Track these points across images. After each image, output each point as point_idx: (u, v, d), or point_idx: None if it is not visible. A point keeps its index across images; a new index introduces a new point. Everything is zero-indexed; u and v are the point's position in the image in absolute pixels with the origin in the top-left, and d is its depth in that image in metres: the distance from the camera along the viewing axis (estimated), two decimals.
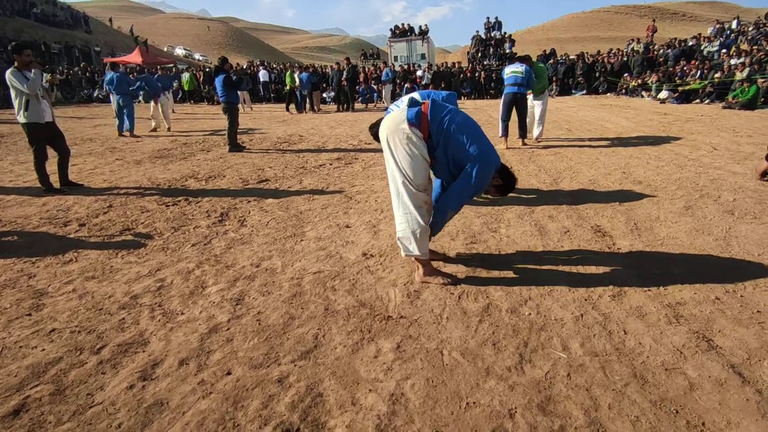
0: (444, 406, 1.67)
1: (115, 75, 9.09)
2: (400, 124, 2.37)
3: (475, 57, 23.55)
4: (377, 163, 6.31)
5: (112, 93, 9.21)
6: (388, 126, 2.42)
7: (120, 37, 47.89)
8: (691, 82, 14.33)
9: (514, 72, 6.64)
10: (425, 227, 2.45)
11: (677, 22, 53.52)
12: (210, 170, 6.06)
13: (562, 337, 2.09)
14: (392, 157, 2.39)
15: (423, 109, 2.40)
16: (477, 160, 2.37)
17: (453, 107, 2.54)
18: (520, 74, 6.56)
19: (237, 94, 7.38)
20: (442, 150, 2.41)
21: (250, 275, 2.87)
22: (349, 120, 12.47)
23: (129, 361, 2.05)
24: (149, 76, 10.67)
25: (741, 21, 21.46)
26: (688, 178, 4.84)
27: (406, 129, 2.34)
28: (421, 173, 2.40)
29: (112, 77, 9.09)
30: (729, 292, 2.47)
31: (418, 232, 2.43)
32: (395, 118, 2.42)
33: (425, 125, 2.37)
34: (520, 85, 6.59)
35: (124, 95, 9.18)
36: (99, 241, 3.58)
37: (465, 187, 2.43)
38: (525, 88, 6.65)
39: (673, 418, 1.60)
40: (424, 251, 2.51)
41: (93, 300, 2.64)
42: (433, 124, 2.38)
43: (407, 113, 2.38)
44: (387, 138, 2.41)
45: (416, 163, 2.36)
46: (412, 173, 2.37)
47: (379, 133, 2.53)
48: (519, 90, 6.63)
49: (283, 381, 1.86)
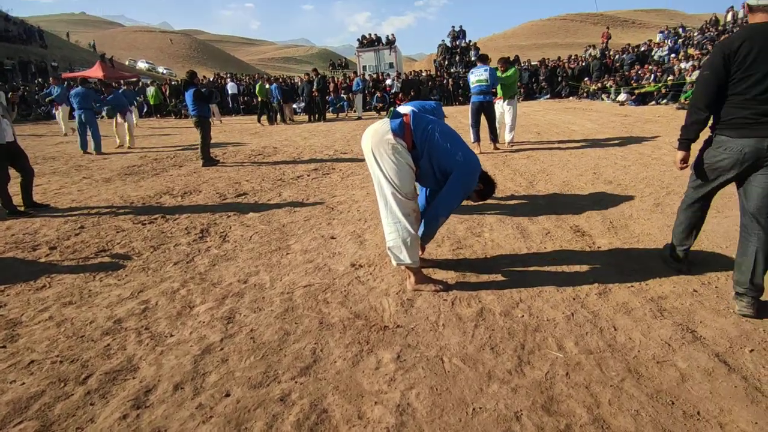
0: (451, 414, 1.68)
1: (82, 90, 8.79)
2: (385, 135, 2.39)
3: (442, 65, 24.00)
4: (355, 172, 6.31)
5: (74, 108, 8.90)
6: (373, 137, 2.44)
7: (78, 51, 46.27)
8: (646, 85, 15.06)
9: (479, 81, 6.82)
10: (415, 235, 2.47)
11: (628, 29, 56.21)
12: (185, 186, 5.91)
13: (557, 336, 2.14)
14: (379, 168, 2.41)
15: (405, 120, 2.44)
16: (463, 167, 2.45)
17: (434, 118, 2.60)
18: (485, 82, 6.76)
19: (208, 108, 7.26)
20: (426, 159, 2.45)
21: (238, 292, 2.81)
22: (322, 130, 12.44)
23: (119, 390, 1.96)
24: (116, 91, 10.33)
25: (686, 27, 22.84)
26: (654, 176, 5.07)
27: (391, 139, 2.37)
28: (408, 182, 2.43)
29: (77, 92, 8.81)
30: (705, 284, 2.59)
31: (408, 241, 2.45)
32: (379, 130, 2.44)
33: (408, 135, 2.42)
34: (485, 93, 6.82)
35: (87, 111, 8.84)
36: (73, 265, 3.43)
37: (453, 193, 2.50)
38: (490, 96, 6.89)
39: (670, 409, 1.66)
40: (415, 259, 2.53)
41: (73, 327, 2.52)
42: (416, 133, 2.43)
43: (390, 124, 2.42)
44: (372, 149, 2.42)
45: (403, 172, 2.39)
46: (400, 182, 2.39)
47: (362, 145, 2.55)
48: (485, 98, 6.86)
49: (285, 399, 1.82)
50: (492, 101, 6.96)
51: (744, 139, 2.20)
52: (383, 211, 2.49)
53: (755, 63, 2.11)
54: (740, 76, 2.17)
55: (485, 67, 6.90)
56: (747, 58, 2.13)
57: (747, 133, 2.19)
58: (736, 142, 2.22)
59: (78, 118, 8.95)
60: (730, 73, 2.20)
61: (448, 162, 2.44)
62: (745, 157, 2.20)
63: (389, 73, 22.11)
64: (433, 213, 2.57)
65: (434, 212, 2.57)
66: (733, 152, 2.24)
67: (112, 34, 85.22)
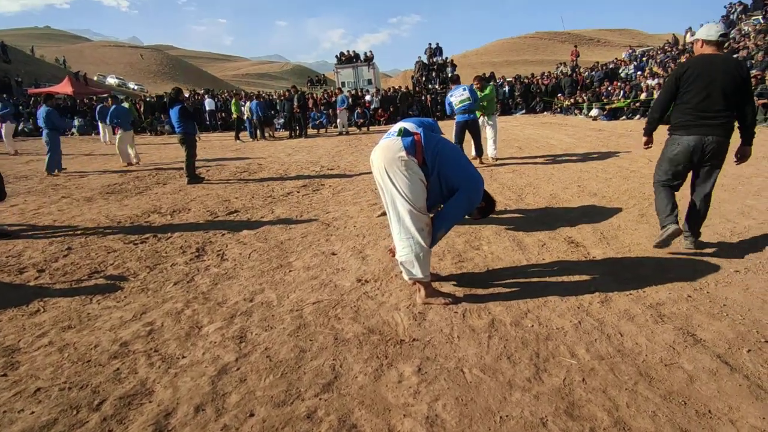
0: (480, 423, 1.72)
1: (44, 109, 8.53)
2: (398, 152, 2.45)
3: (420, 81, 24.48)
4: (345, 188, 6.36)
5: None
6: (385, 155, 2.49)
7: (44, 66, 44.96)
8: (616, 101, 15.77)
9: (462, 102, 6.86)
10: (427, 250, 2.53)
11: (594, 47, 58.78)
12: (173, 204, 5.82)
13: (568, 344, 2.22)
14: (392, 184, 2.46)
15: (417, 139, 2.51)
16: (469, 184, 2.55)
17: (440, 136, 2.69)
18: (468, 101, 6.83)
19: (194, 125, 7.19)
20: (435, 176, 2.52)
21: (246, 311, 2.79)
22: (305, 146, 12.46)
23: (137, 414, 1.92)
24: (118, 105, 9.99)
25: (648, 47, 24.13)
26: (635, 188, 5.31)
27: (404, 157, 2.43)
28: (421, 196, 2.49)
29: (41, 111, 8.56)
30: (697, 289, 2.74)
31: (421, 255, 2.51)
32: (391, 147, 2.49)
33: (420, 153, 2.48)
34: (470, 111, 6.91)
35: (50, 131, 8.46)
36: (66, 287, 3.33)
37: (457, 209, 2.59)
38: (475, 114, 7.02)
39: (683, 409, 1.75)
40: (427, 274, 2.59)
41: (77, 352, 2.44)
42: (427, 151, 2.50)
43: (403, 142, 2.48)
44: (385, 166, 2.47)
45: (416, 187, 2.46)
46: (414, 196, 2.45)
47: (372, 162, 2.60)
48: (470, 117, 6.94)
49: (312, 416, 1.83)
50: (476, 119, 7.12)
51: (690, 136, 3.05)
52: (395, 227, 2.54)
53: (695, 82, 2.99)
54: (683, 90, 3.06)
55: (464, 87, 7.00)
56: (689, 78, 3.01)
57: (692, 131, 3.04)
58: (685, 138, 3.08)
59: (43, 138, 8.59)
60: (679, 89, 3.08)
61: (456, 179, 2.52)
62: (692, 149, 3.04)
63: (368, 89, 22.39)
64: (436, 226, 2.63)
65: (436, 227, 2.63)
66: (683, 146, 3.08)
67: (79, 48, 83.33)
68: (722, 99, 2.94)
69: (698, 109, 3.00)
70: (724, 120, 2.98)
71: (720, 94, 2.94)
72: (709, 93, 2.96)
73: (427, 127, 2.74)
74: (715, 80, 2.94)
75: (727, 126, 2.99)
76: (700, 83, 2.97)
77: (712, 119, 2.98)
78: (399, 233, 2.53)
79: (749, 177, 5.54)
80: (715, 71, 2.95)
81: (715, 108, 2.96)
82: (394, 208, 2.51)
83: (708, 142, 2.99)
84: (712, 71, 2.95)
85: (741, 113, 3.02)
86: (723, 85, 2.93)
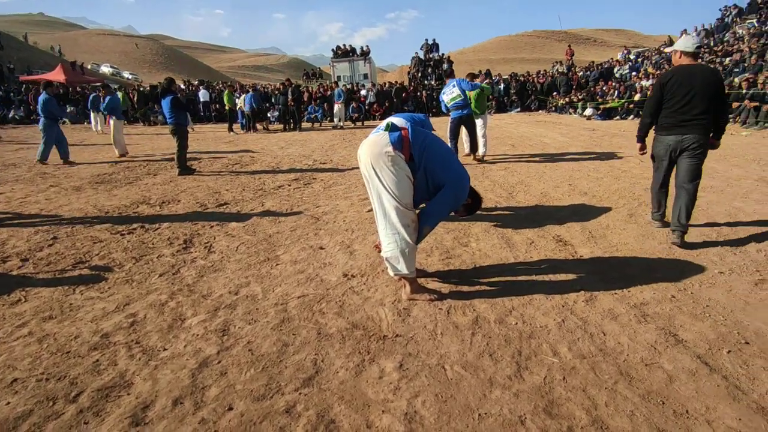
0: (459, 420, 1.72)
1: (44, 96, 8.28)
2: (384, 147, 2.42)
3: (416, 77, 24.41)
4: (337, 182, 6.33)
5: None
6: (372, 150, 2.46)
7: (37, 53, 44.32)
8: (610, 101, 15.82)
9: (453, 99, 6.84)
10: (413, 246, 2.52)
11: (590, 47, 58.89)
12: (162, 195, 5.76)
13: (550, 342, 2.23)
14: (378, 180, 2.44)
15: (404, 134, 2.48)
16: (455, 181, 2.54)
17: (429, 132, 2.67)
18: (460, 98, 6.81)
19: (186, 116, 7.11)
20: (422, 172, 2.50)
21: (230, 304, 2.77)
22: (298, 140, 12.40)
23: (114, 407, 1.90)
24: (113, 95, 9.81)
25: (643, 48, 24.21)
26: (626, 188, 5.33)
27: (390, 152, 2.41)
28: (408, 192, 2.47)
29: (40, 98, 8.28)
30: (681, 290, 2.76)
31: (406, 251, 2.50)
32: (378, 142, 2.46)
33: (407, 148, 2.46)
34: (463, 107, 6.87)
35: (45, 118, 8.24)
36: (49, 277, 3.28)
37: (443, 205, 2.58)
38: (469, 109, 6.94)
39: (661, 408, 1.76)
40: (412, 270, 2.58)
41: (57, 343, 2.41)
42: (415, 147, 2.48)
43: (390, 137, 2.45)
44: (372, 162, 2.45)
45: (402, 183, 2.43)
46: (400, 193, 2.43)
47: (360, 157, 2.58)
48: (463, 113, 6.90)
49: (290, 411, 1.82)
50: (471, 114, 7.06)
51: (670, 136, 3.46)
52: (381, 222, 2.52)
53: (678, 89, 3.37)
54: (668, 97, 3.45)
55: (454, 82, 6.93)
56: (673, 86, 3.40)
57: (672, 132, 3.45)
58: (666, 138, 3.50)
59: (39, 127, 8.36)
60: (664, 95, 3.46)
61: (443, 175, 2.51)
62: (671, 147, 3.47)
63: (364, 83, 22.29)
64: (422, 222, 2.60)
65: (422, 222, 2.60)
66: (663, 144, 3.53)
67: (74, 36, 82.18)
68: (701, 104, 3.32)
69: (680, 112, 3.39)
70: (703, 122, 3.35)
71: (699, 100, 3.32)
72: (690, 99, 3.34)
73: (416, 123, 2.71)
74: (695, 87, 3.33)
75: (706, 127, 3.37)
76: (682, 90, 3.36)
77: (692, 121, 3.36)
78: (385, 229, 2.52)
79: (738, 179, 5.58)
80: (695, 80, 3.34)
81: (694, 112, 3.34)
82: (380, 204, 2.49)
83: (686, 140, 3.39)
84: (692, 80, 3.35)
85: (716, 116, 3.40)
86: (702, 92, 3.32)
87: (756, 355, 2.09)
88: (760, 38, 16.40)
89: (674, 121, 3.41)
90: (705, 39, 20.74)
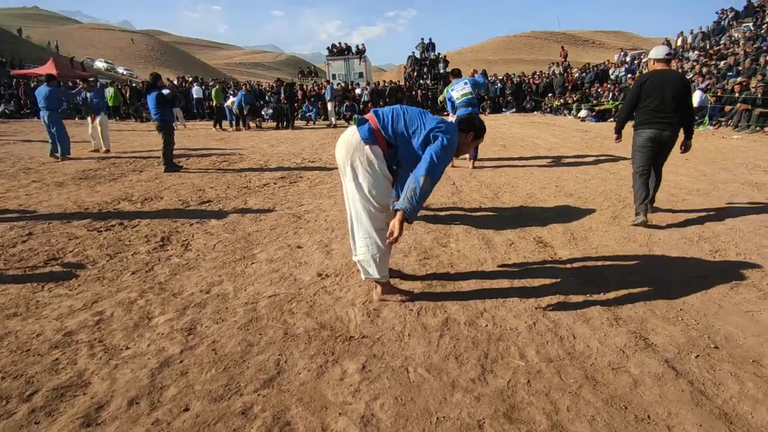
0: (415, 424, 1.68)
1: (46, 88, 8.12)
2: (357, 144, 2.37)
3: (411, 76, 24.36)
4: (323, 181, 6.28)
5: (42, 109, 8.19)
6: (346, 149, 2.40)
7: (29, 47, 43.97)
8: (605, 103, 15.84)
9: (464, 95, 6.43)
10: (385, 250, 2.47)
11: (588, 48, 58.99)
12: (145, 192, 5.70)
13: (519, 345, 2.19)
14: (352, 180, 2.38)
15: (373, 125, 2.39)
16: (438, 130, 2.34)
17: (389, 108, 2.51)
18: (469, 95, 6.41)
19: (172, 112, 7.04)
20: (404, 148, 2.39)
21: (200, 302, 2.73)
22: (290, 138, 12.34)
23: (67, 407, 1.85)
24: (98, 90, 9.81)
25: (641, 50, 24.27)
26: (612, 190, 5.32)
27: (365, 149, 2.35)
28: (384, 192, 2.41)
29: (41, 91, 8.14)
30: (656, 293, 2.73)
31: (377, 257, 2.45)
32: (350, 141, 2.40)
33: (381, 138, 2.38)
34: (472, 105, 6.42)
35: (51, 111, 8.12)
36: (19, 274, 3.22)
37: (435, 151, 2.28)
38: (476, 108, 6.53)
39: (623, 413, 1.73)
40: (384, 274, 2.54)
41: (17, 341, 2.36)
42: (386, 131, 2.38)
43: (360, 133, 2.38)
44: (346, 160, 2.39)
45: (378, 182, 2.37)
46: (376, 193, 2.37)
47: (336, 156, 2.51)
48: (474, 110, 6.40)
49: (247, 412, 1.78)
50: (478, 114, 6.79)
51: (650, 129, 3.94)
52: (355, 225, 2.48)
53: (653, 91, 3.91)
54: (644, 96, 3.97)
55: (465, 80, 6.59)
56: (648, 88, 3.93)
57: (651, 126, 3.93)
58: (646, 131, 3.97)
59: (42, 120, 8.26)
60: (640, 96, 3.98)
61: (425, 133, 2.33)
62: (651, 138, 3.93)
63: (359, 82, 22.23)
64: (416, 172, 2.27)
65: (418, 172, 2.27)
66: (643, 137, 3.99)
67: (68, 30, 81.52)
68: (672, 104, 3.85)
69: (655, 110, 3.92)
70: (674, 119, 3.90)
71: (670, 100, 3.85)
72: (663, 99, 3.87)
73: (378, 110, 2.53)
74: (666, 89, 3.86)
75: (677, 123, 3.93)
76: (657, 92, 3.90)
77: (665, 118, 3.90)
78: (358, 231, 2.47)
79: (725, 182, 5.58)
80: (668, 83, 3.88)
81: (667, 110, 3.87)
82: (354, 206, 2.44)
83: (665, 135, 3.92)
84: (665, 83, 3.89)
85: (684, 115, 3.92)
86: (672, 94, 3.85)
87: (724, 360, 2.07)
88: (755, 41, 16.46)
89: (650, 118, 3.94)
90: (702, 41, 20.82)
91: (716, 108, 12.17)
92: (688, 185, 5.49)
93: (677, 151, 4.10)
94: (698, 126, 12.10)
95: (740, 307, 2.55)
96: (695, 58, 17.87)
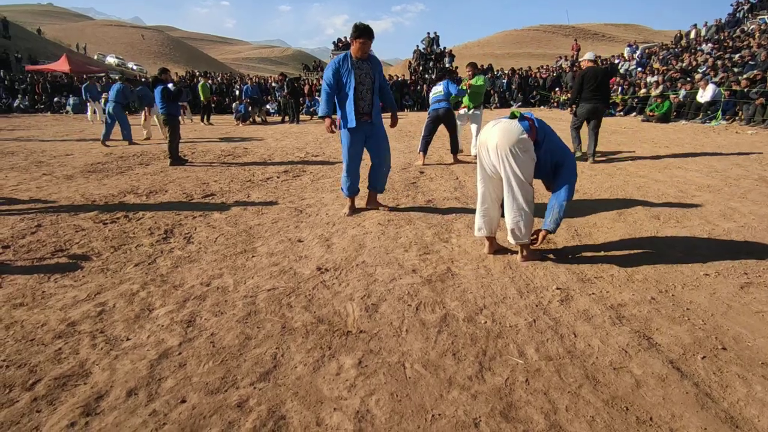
0: (410, 421, 1.67)
1: (119, 85, 9.84)
2: (520, 135, 2.81)
3: (417, 70, 24.20)
4: (326, 175, 6.27)
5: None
6: (507, 137, 2.82)
7: (44, 43, 44.43)
8: (613, 97, 15.59)
9: (435, 93, 6.93)
10: (532, 217, 2.99)
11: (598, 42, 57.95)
12: (150, 185, 5.73)
13: (518, 343, 2.17)
14: (509, 163, 2.83)
15: (530, 124, 2.88)
16: (571, 158, 3.03)
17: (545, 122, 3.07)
18: (440, 93, 6.82)
19: (178, 106, 7.07)
20: (544, 152, 2.93)
21: (200, 295, 2.73)
22: (294, 132, 12.34)
23: (68, 396, 1.87)
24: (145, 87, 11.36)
25: (651, 43, 23.84)
26: (618, 185, 5.24)
27: (526, 138, 2.81)
28: (532, 171, 2.94)
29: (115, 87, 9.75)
30: (662, 291, 2.68)
31: (526, 223, 2.97)
32: (512, 130, 2.83)
33: (534, 134, 2.87)
34: (440, 101, 6.80)
35: (117, 104, 9.59)
36: (27, 265, 3.26)
37: (571, 180, 2.98)
38: (447, 103, 6.81)
39: (624, 415, 1.70)
40: (528, 236, 3.04)
41: (23, 330, 2.39)
42: (540, 133, 2.91)
43: (522, 125, 2.84)
44: (507, 147, 2.81)
45: (529, 165, 2.89)
46: (528, 173, 2.90)
47: (488, 142, 2.93)
48: (441, 105, 6.77)
49: (242, 405, 1.78)
50: (450, 108, 6.85)
51: (588, 104, 6.72)
52: (508, 200, 2.94)
53: (590, 80, 6.63)
54: (586, 84, 6.67)
55: (441, 83, 6.97)
56: (588, 78, 6.64)
57: (590, 102, 6.70)
58: (586, 105, 6.74)
59: (107, 111, 9.68)
60: (583, 84, 6.68)
61: (560, 154, 2.97)
62: (588, 111, 6.76)
63: None
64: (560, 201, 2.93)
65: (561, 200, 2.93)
66: (583, 109, 6.80)
67: (81, 27, 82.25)
68: (601, 87, 6.63)
69: (591, 91, 6.64)
70: (602, 97, 6.69)
71: (599, 85, 6.60)
72: (598, 86, 6.60)
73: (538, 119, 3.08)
74: (597, 78, 6.59)
75: (604, 100, 6.76)
76: (593, 82, 6.59)
77: (596, 97, 6.64)
78: (512, 204, 2.93)
79: (737, 178, 5.47)
80: (598, 75, 6.63)
81: (598, 93, 6.62)
82: (509, 183, 2.89)
83: (597, 108, 6.69)
84: (596, 75, 6.62)
85: (606, 93, 6.79)
86: (599, 82, 6.60)
87: (732, 362, 2.02)
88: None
89: (590, 97, 6.64)
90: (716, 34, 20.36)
91: (729, 102, 11.92)
92: (698, 181, 5.39)
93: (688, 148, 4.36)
94: (711, 121, 11.88)
95: (750, 307, 2.49)
96: (708, 51, 17.49)
